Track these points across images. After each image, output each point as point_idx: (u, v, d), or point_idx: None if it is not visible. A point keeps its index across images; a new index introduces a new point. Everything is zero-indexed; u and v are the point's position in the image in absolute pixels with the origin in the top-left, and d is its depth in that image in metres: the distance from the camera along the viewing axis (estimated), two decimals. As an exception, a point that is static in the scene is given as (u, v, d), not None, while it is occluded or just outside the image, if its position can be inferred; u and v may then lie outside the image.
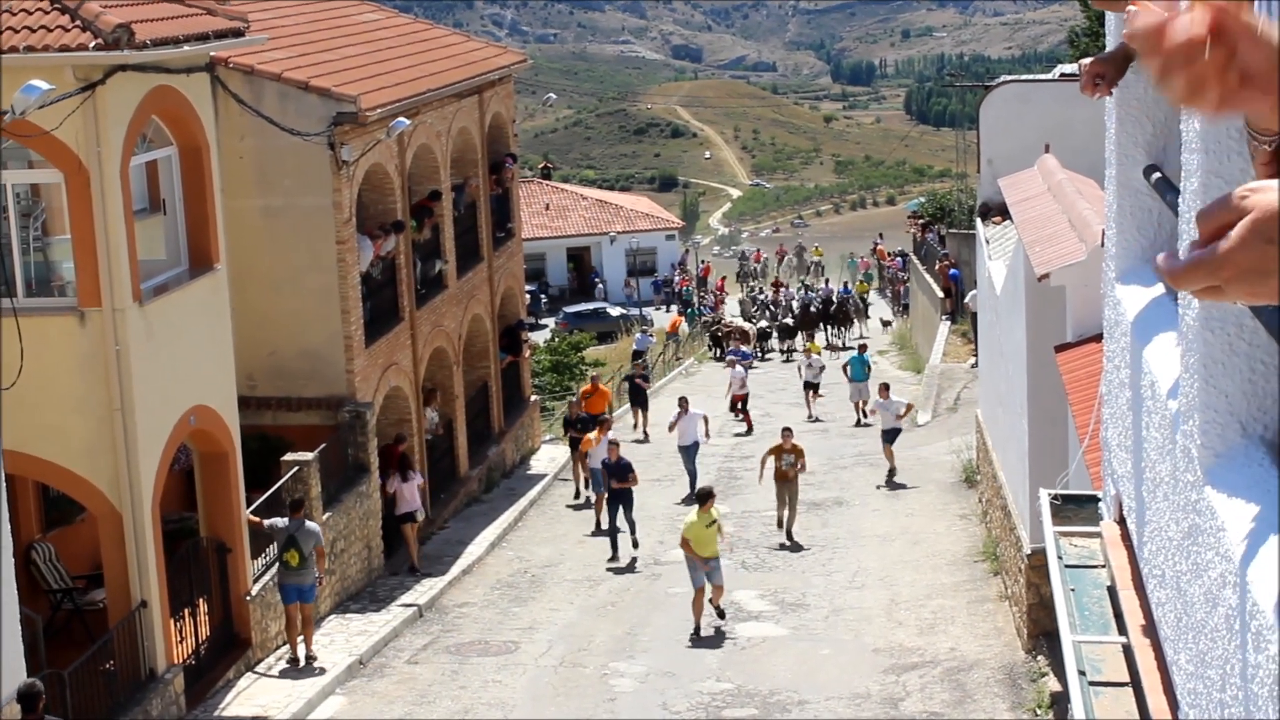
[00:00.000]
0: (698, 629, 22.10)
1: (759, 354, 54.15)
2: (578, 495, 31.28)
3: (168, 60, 18.84)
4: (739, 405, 39.07)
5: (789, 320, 57.74)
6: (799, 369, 41.26)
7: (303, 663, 21.41)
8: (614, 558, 26.35)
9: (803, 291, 66.68)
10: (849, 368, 38.25)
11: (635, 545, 26.53)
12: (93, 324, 18.00)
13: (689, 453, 30.79)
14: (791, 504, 26.91)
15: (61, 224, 18.47)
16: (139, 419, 18.25)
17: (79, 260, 18.01)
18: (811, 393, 39.70)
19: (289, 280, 24.82)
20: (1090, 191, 18.87)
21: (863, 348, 40.65)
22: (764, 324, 58.15)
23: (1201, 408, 4.13)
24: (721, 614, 22.42)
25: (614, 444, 27.18)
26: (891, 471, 30.74)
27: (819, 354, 44.85)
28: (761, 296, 68.77)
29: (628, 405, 39.59)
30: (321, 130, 24.25)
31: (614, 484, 26.37)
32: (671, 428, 31.80)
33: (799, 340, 55.20)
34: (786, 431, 27.78)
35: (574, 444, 31.63)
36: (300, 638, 21.51)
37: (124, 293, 18.01)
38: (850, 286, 63.97)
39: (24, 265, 18.51)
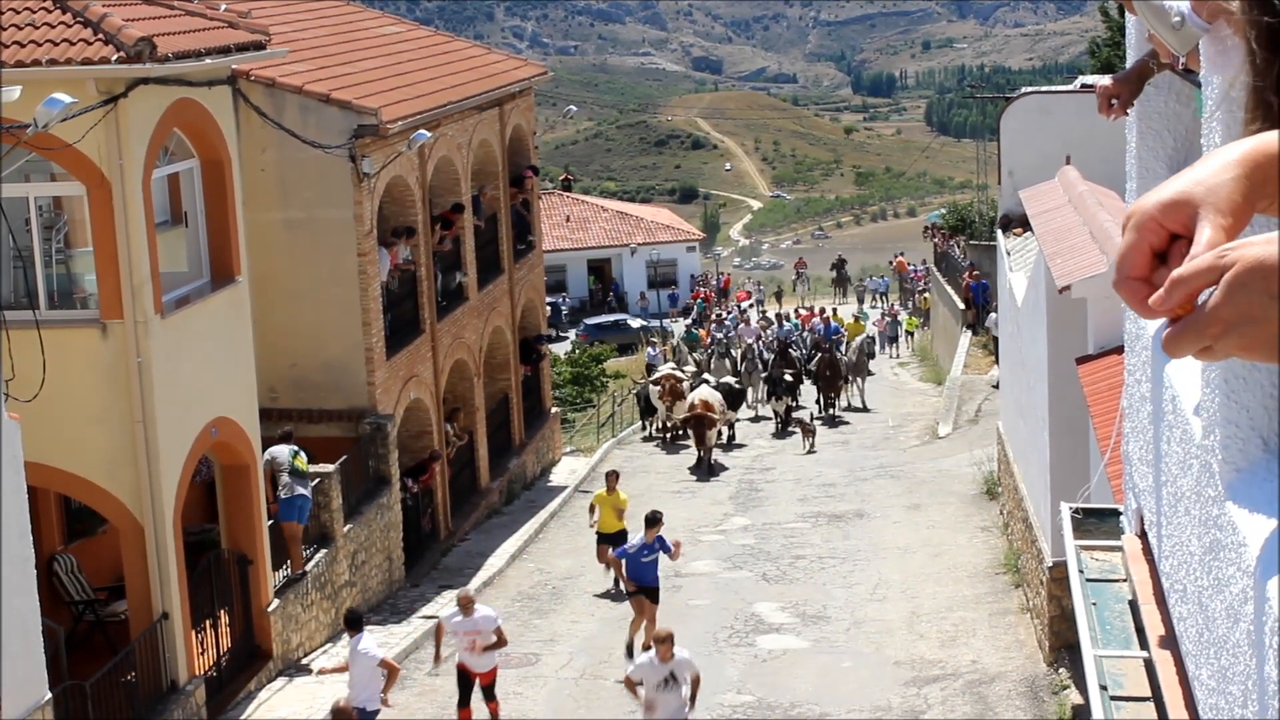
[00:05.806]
0: None
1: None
2: None
3: (189, 73, 18.91)
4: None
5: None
6: (629, 649, 21.08)
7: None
8: None
9: (775, 327, 50.30)
10: None
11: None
12: (114, 336, 18.05)
13: None
14: None
15: (84, 236, 18.56)
16: (160, 431, 18.30)
17: (101, 272, 18.07)
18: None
19: (310, 292, 24.87)
20: (1111, 203, 18.82)
21: None
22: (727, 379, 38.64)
23: (1223, 422, 4.11)
24: None
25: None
26: None
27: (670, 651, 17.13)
28: (722, 335, 47.88)
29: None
30: (343, 143, 24.30)
31: None
32: (439, 661, 19.47)
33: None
34: None
35: None
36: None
37: (146, 305, 18.06)
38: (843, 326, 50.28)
39: (46, 277, 18.57)
